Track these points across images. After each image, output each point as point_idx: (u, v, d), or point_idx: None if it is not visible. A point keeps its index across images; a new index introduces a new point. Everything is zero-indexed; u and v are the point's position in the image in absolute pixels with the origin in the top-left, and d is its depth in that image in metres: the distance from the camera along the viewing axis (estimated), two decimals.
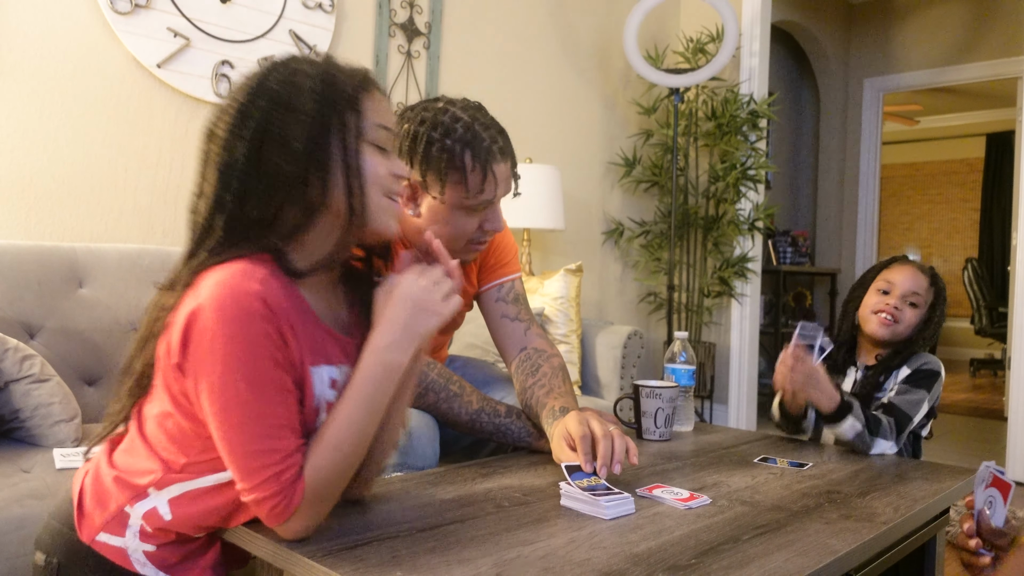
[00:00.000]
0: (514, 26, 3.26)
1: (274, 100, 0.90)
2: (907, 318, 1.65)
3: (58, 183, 2.08)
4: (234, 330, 0.83)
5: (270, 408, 0.85)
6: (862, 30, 5.52)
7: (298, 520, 0.88)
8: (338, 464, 0.89)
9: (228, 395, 0.83)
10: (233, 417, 0.84)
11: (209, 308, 0.83)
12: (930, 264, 1.77)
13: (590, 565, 0.85)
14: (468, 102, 1.35)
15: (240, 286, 0.84)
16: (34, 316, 1.79)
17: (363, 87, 0.95)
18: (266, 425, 0.85)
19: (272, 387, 0.86)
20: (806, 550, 0.92)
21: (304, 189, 0.90)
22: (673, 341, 1.69)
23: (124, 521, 0.92)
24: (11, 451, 1.54)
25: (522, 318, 1.54)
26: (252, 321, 0.83)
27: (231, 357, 0.83)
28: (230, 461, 0.86)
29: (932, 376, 1.60)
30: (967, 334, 7.93)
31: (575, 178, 3.57)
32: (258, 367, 0.84)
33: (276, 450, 0.85)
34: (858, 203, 5.49)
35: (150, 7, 2.19)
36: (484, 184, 1.30)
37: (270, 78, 0.91)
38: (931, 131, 8.54)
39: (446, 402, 1.37)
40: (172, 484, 0.92)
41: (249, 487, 0.85)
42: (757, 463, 1.37)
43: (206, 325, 0.83)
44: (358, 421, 0.89)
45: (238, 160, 0.89)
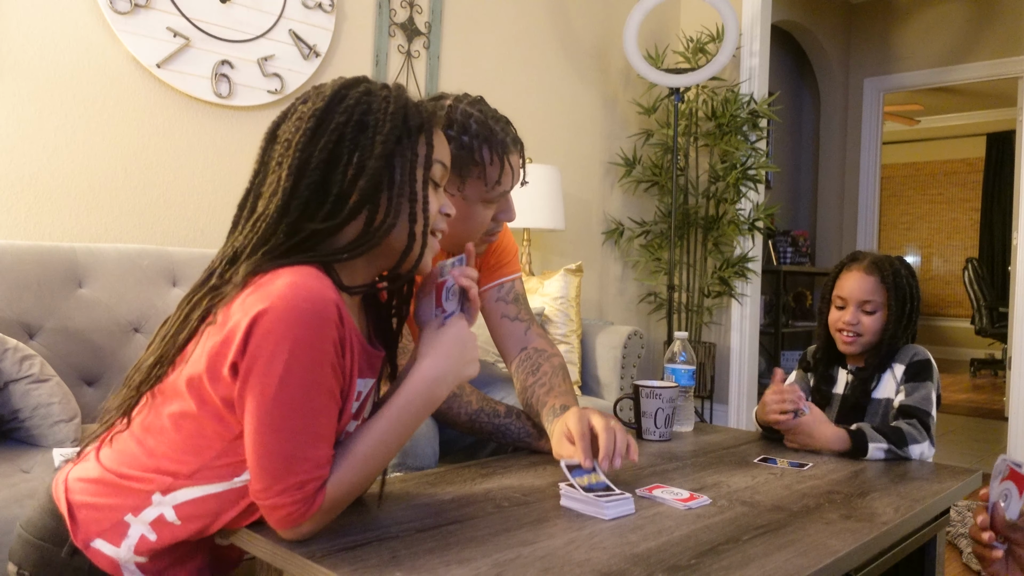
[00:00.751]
0: (514, 26, 3.26)
1: (351, 115, 0.91)
2: (867, 327, 1.61)
3: (58, 183, 2.08)
4: (304, 334, 0.82)
5: (317, 417, 0.85)
6: (862, 30, 5.52)
7: (306, 526, 0.88)
8: (361, 479, 0.91)
9: (281, 398, 0.82)
10: (278, 420, 0.83)
11: (282, 309, 0.82)
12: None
13: (590, 565, 0.85)
14: (471, 98, 1.37)
15: (317, 290, 0.83)
16: (34, 316, 1.79)
17: (431, 120, 0.97)
18: (309, 433, 0.85)
19: (325, 395, 0.86)
20: (806, 550, 0.92)
21: (374, 208, 0.91)
22: (673, 341, 1.69)
23: (123, 531, 0.90)
24: (11, 451, 1.54)
25: (522, 318, 1.54)
26: (325, 326, 0.83)
27: (295, 361, 0.82)
28: (258, 462, 0.84)
29: (928, 365, 1.58)
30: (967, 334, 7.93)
31: (575, 178, 3.57)
32: (317, 374, 0.84)
33: (309, 459, 0.85)
34: (858, 203, 5.50)
35: (150, 7, 2.19)
36: (502, 176, 1.33)
37: (348, 94, 0.93)
38: (931, 131, 8.54)
39: (445, 402, 1.37)
40: (180, 489, 0.90)
41: (269, 492, 0.84)
42: (757, 463, 1.37)
43: (275, 326, 0.82)
44: (390, 441, 0.92)
45: (311, 168, 0.89)
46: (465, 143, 1.30)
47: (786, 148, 5.63)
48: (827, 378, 1.70)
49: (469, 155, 1.30)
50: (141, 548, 0.90)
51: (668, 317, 3.51)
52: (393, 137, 0.91)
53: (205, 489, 0.90)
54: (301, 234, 0.90)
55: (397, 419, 0.92)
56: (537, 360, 1.44)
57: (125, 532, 0.90)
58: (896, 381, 1.61)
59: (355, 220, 0.91)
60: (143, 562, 0.91)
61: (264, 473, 0.84)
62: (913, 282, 1.64)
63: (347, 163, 0.90)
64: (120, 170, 2.19)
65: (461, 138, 1.30)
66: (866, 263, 1.65)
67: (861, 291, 1.62)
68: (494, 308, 1.55)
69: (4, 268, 1.76)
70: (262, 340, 0.82)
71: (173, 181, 2.30)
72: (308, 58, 2.54)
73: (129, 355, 1.92)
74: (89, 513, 0.90)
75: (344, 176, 0.90)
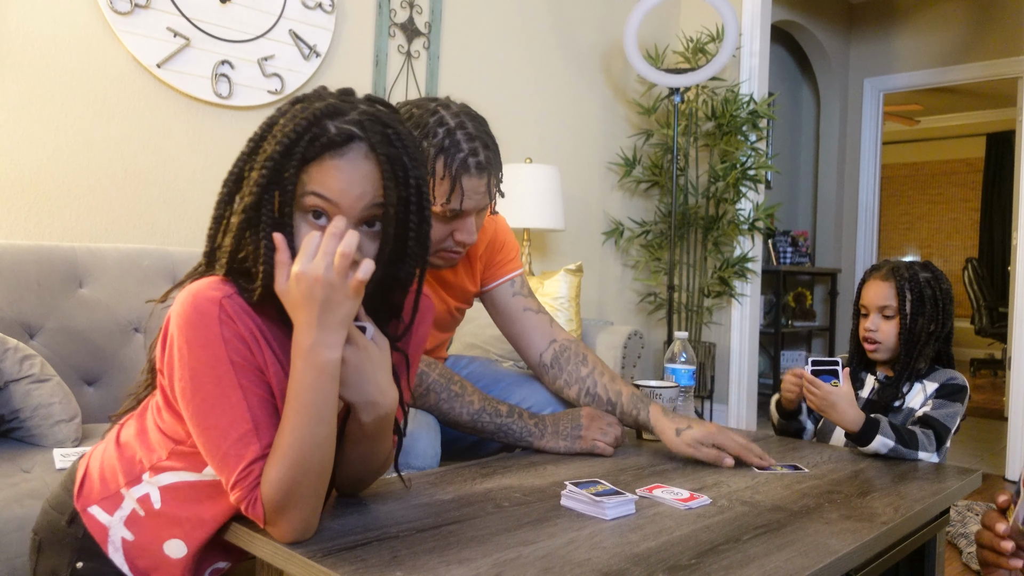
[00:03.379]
0: (514, 26, 3.26)
1: (263, 129, 0.90)
2: (887, 332, 1.64)
3: (58, 183, 2.08)
4: (191, 335, 0.86)
5: (233, 412, 0.86)
6: (862, 30, 5.52)
7: (281, 526, 0.87)
8: (293, 473, 0.84)
9: (195, 399, 0.87)
10: (202, 420, 0.87)
11: (174, 315, 0.87)
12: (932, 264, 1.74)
13: (590, 565, 0.85)
14: (465, 109, 1.32)
15: (202, 293, 0.87)
16: (34, 316, 1.79)
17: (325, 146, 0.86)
18: (231, 430, 0.86)
19: (234, 390, 0.86)
20: (806, 550, 0.92)
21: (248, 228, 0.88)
22: (673, 341, 1.69)
23: (118, 502, 0.95)
24: (11, 451, 1.54)
25: (543, 311, 1.56)
26: (209, 324, 0.85)
27: (194, 361, 0.86)
28: (208, 459, 0.88)
29: (962, 391, 1.60)
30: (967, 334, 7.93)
31: (575, 178, 3.57)
32: (219, 369, 0.86)
33: (241, 456, 0.86)
34: (858, 203, 5.49)
35: (150, 7, 2.19)
36: (451, 195, 1.27)
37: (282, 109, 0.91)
38: (931, 131, 8.54)
39: (447, 402, 1.37)
40: (164, 472, 0.95)
41: (228, 484, 0.87)
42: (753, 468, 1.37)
43: (172, 331, 0.87)
44: (303, 427, 0.84)
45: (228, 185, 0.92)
46: (423, 149, 1.27)
47: (786, 148, 5.63)
48: (856, 382, 1.72)
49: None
50: (131, 523, 0.95)
51: (668, 317, 3.51)
52: (270, 164, 0.85)
53: (181, 475, 0.94)
54: (212, 250, 0.93)
55: (299, 404, 0.84)
56: (580, 351, 1.51)
57: (119, 503, 0.95)
58: (925, 395, 1.62)
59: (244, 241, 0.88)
60: (130, 540, 0.95)
61: (216, 469, 0.88)
62: (937, 285, 1.64)
63: (243, 182, 0.89)
64: (120, 170, 2.19)
65: (421, 142, 1.27)
66: (884, 270, 1.68)
67: (878, 297, 1.65)
68: (513, 302, 1.55)
69: (4, 268, 1.76)
70: (169, 347, 0.88)
71: (173, 181, 2.30)
72: (308, 58, 2.54)
73: (129, 355, 1.92)
74: (94, 480, 0.97)
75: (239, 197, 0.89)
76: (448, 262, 1.43)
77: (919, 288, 1.62)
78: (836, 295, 5.39)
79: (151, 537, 0.95)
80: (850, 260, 5.50)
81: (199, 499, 0.94)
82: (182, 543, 0.95)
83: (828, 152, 5.58)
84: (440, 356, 1.70)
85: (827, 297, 5.51)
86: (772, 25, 4.95)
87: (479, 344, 2.51)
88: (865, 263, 5.46)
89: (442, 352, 1.71)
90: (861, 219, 5.49)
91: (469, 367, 1.70)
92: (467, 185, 1.28)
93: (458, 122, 1.28)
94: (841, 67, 5.51)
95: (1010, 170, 7.78)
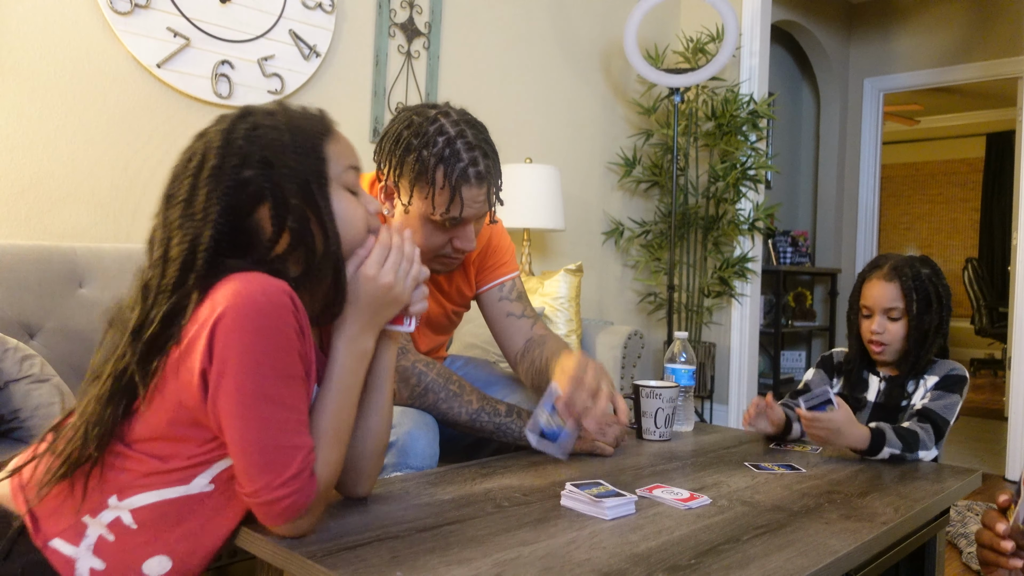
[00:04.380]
0: (514, 26, 3.26)
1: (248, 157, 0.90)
2: (894, 333, 1.61)
3: (58, 183, 2.08)
4: (263, 323, 0.83)
5: (296, 403, 0.86)
6: (862, 30, 5.52)
7: (308, 517, 0.89)
8: (340, 455, 0.92)
9: (259, 392, 0.83)
10: (261, 414, 0.83)
11: (239, 306, 0.83)
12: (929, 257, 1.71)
13: (590, 565, 0.85)
14: (465, 116, 1.32)
15: (268, 281, 0.85)
16: (34, 316, 1.79)
17: (324, 134, 0.96)
18: (292, 421, 0.86)
19: (298, 381, 0.87)
20: (806, 550, 0.92)
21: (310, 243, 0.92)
22: (673, 341, 1.69)
23: (82, 531, 0.88)
24: (11, 451, 1.54)
25: (528, 315, 1.56)
26: (281, 314, 0.84)
27: (262, 353, 0.83)
28: (249, 461, 0.84)
29: (962, 381, 1.58)
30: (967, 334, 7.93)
31: (575, 178, 3.57)
32: (286, 360, 0.85)
33: (300, 447, 0.86)
34: (858, 203, 5.49)
35: (150, 7, 2.19)
36: (450, 204, 1.28)
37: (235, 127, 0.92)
38: (931, 131, 8.54)
39: (446, 402, 1.37)
40: (138, 493, 0.89)
41: (270, 485, 0.84)
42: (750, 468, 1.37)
43: (236, 323, 0.82)
44: (344, 409, 0.93)
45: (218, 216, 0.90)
46: (422, 158, 1.27)
47: (786, 148, 5.63)
48: (860, 384, 1.69)
49: (423, 171, 1.27)
50: (101, 550, 0.88)
51: (668, 317, 3.51)
52: (301, 169, 0.91)
53: (163, 493, 0.89)
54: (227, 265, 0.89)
55: (342, 386, 0.93)
56: (544, 340, 1.51)
57: (83, 531, 0.88)
58: (925, 390, 1.60)
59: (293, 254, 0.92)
60: (100, 569, 0.88)
61: (258, 470, 0.84)
62: (938, 281, 1.62)
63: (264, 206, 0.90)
64: (120, 170, 2.19)
65: (421, 152, 1.26)
66: (886, 270, 1.63)
67: (883, 299, 1.61)
68: (498, 307, 1.56)
69: (4, 268, 1.76)
70: (227, 340, 0.82)
71: None
72: (308, 58, 2.54)
73: None
74: (50, 510, 0.89)
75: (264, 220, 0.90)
76: (446, 268, 1.43)
77: (923, 287, 1.60)
78: (836, 295, 5.39)
79: (127, 560, 0.89)
80: (850, 260, 5.50)
81: (185, 513, 0.90)
82: (166, 558, 0.91)
83: (828, 152, 5.58)
84: (438, 358, 1.70)
85: (827, 297, 5.51)
86: (772, 25, 4.95)
87: (479, 344, 2.52)
88: (865, 263, 5.46)
89: (441, 353, 1.72)
90: (861, 219, 5.49)
91: (465, 368, 1.71)
92: (467, 195, 1.28)
93: (458, 131, 1.28)
94: (841, 67, 5.51)
95: (1010, 170, 7.77)
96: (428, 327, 1.58)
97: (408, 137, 1.29)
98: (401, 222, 1.36)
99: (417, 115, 1.31)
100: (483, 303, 1.59)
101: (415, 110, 1.33)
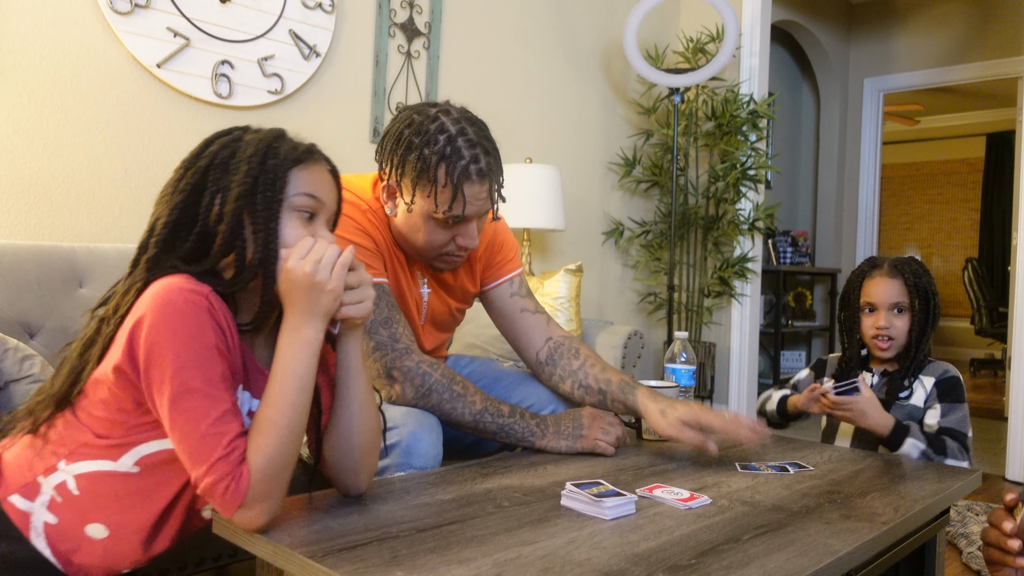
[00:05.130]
0: (514, 26, 3.26)
1: (213, 159, 1.01)
2: (899, 328, 1.68)
3: (58, 183, 2.08)
4: (181, 323, 0.90)
5: (217, 393, 0.91)
6: (862, 30, 5.52)
7: (252, 508, 0.90)
8: (278, 444, 0.92)
9: (180, 385, 0.89)
10: (185, 406, 0.89)
11: (157, 307, 0.90)
12: (927, 262, 1.77)
13: (590, 565, 0.85)
14: (466, 114, 1.33)
15: (184, 285, 0.92)
16: (34, 316, 1.79)
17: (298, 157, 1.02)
18: (215, 410, 0.90)
19: (218, 374, 0.91)
20: (806, 550, 0.92)
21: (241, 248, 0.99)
22: (673, 341, 1.69)
23: (36, 490, 0.98)
24: None
25: (540, 311, 1.57)
26: (197, 313, 0.91)
27: (181, 348, 0.89)
28: (183, 451, 0.90)
29: (960, 384, 1.65)
30: (967, 334, 7.93)
31: (575, 178, 3.57)
32: (205, 356, 0.90)
33: (223, 433, 0.90)
34: (858, 203, 5.49)
35: (150, 7, 2.19)
36: (453, 202, 1.29)
37: (215, 140, 1.03)
38: (931, 131, 8.54)
39: (449, 402, 1.37)
40: (80, 461, 0.97)
41: (201, 472, 0.89)
42: (740, 470, 1.37)
43: (154, 323, 0.90)
44: (288, 397, 0.94)
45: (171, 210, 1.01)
46: (424, 156, 1.27)
47: (786, 148, 5.63)
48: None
49: (425, 170, 1.28)
50: (53, 507, 0.98)
51: (668, 317, 3.51)
52: (250, 179, 0.98)
53: (98, 464, 0.98)
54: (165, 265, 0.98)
55: (285, 375, 0.94)
56: (572, 346, 1.51)
57: (38, 490, 0.98)
58: (925, 392, 1.66)
59: (226, 259, 0.99)
60: (52, 523, 0.97)
61: (191, 458, 0.90)
62: (930, 279, 1.70)
63: (208, 205, 0.99)
64: (120, 170, 2.19)
65: (422, 150, 1.27)
66: (887, 267, 1.70)
67: (890, 294, 1.67)
68: (511, 303, 1.57)
69: (4, 268, 1.76)
70: (147, 340, 0.90)
71: None
72: (308, 58, 2.54)
73: None
74: (11, 471, 1.00)
75: (206, 219, 0.99)
76: (450, 265, 1.43)
77: (922, 283, 1.67)
78: (836, 295, 5.39)
79: (73, 521, 0.98)
80: (850, 260, 5.50)
81: (117, 488, 0.98)
82: (103, 526, 0.99)
83: (828, 152, 5.58)
84: (440, 356, 1.70)
85: (827, 297, 5.51)
86: (772, 25, 4.95)
87: (479, 344, 2.52)
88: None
89: (442, 352, 1.72)
90: (861, 219, 5.49)
91: (469, 367, 1.71)
92: (469, 192, 1.29)
93: (459, 128, 1.29)
94: (841, 67, 5.51)
95: (1010, 170, 7.77)
96: (433, 325, 1.58)
97: (409, 136, 1.29)
98: (404, 220, 1.37)
99: (418, 114, 1.32)
100: (493, 300, 1.59)
101: (416, 109, 1.33)
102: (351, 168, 2.67)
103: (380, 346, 1.34)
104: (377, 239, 1.41)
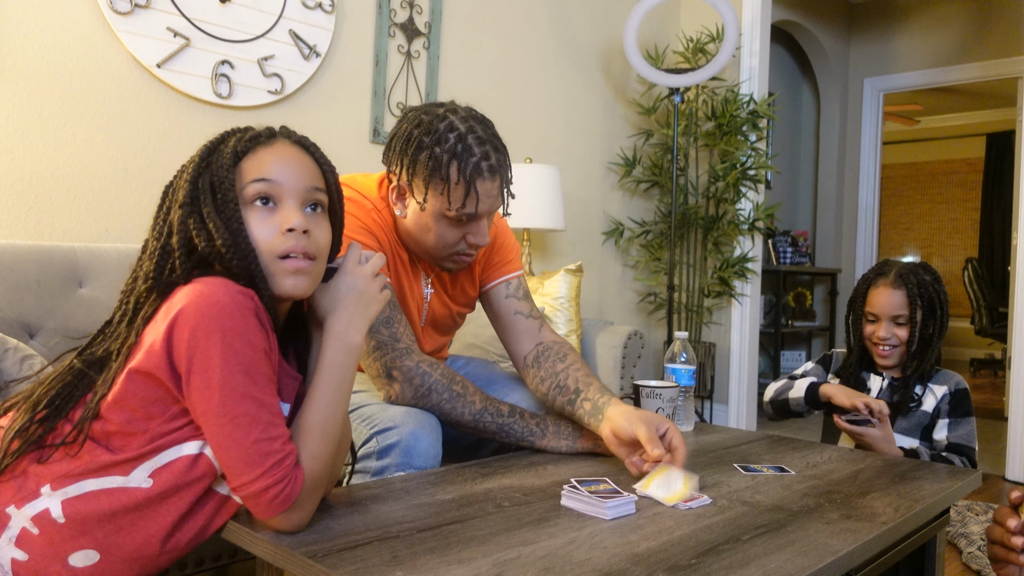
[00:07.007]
0: (514, 26, 3.26)
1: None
2: (901, 338, 1.69)
3: (58, 183, 2.08)
4: (228, 322, 0.86)
5: (267, 397, 0.88)
6: (862, 30, 5.52)
7: (299, 510, 0.90)
8: (329, 448, 0.93)
9: (228, 387, 0.85)
10: (234, 410, 0.85)
11: (199, 304, 0.86)
12: (928, 263, 1.79)
13: (590, 565, 0.85)
14: (472, 113, 1.34)
15: (227, 283, 0.89)
16: (34, 316, 1.79)
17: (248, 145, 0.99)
18: (265, 414, 0.88)
19: (266, 376, 0.89)
20: (806, 550, 0.92)
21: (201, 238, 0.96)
22: (673, 341, 1.69)
23: (4, 522, 0.87)
24: None
25: (535, 315, 1.57)
26: (245, 312, 0.87)
27: (228, 349, 0.85)
28: (229, 456, 0.86)
29: (968, 395, 1.68)
30: (967, 334, 7.93)
31: (575, 178, 3.57)
32: (253, 357, 0.87)
33: (276, 437, 0.88)
34: (858, 203, 5.49)
35: (150, 7, 2.19)
36: (466, 199, 1.30)
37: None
38: (931, 131, 8.54)
39: (449, 402, 1.37)
40: (76, 481, 0.88)
41: (252, 478, 0.86)
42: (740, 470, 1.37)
43: (198, 322, 0.85)
44: (334, 403, 0.95)
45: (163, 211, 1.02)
46: (435, 155, 1.28)
47: (786, 148, 5.63)
48: (858, 385, 1.76)
49: (437, 168, 1.29)
50: (23, 542, 0.87)
51: (668, 317, 3.51)
52: (195, 172, 0.98)
53: (100, 483, 0.89)
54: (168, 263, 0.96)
55: (332, 380, 0.95)
56: (561, 350, 1.50)
57: (6, 524, 0.87)
58: (935, 399, 1.68)
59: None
60: (21, 560, 0.87)
61: (239, 465, 0.86)
62: (939, 287, 1.70)
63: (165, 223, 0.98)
64: (120, 170, 2.19)
65: (433, 149, 1.28)
66: (892, 277, 1.70)
67: (891, 307, 1.68)
68: (505, 304, 1.56)
69: (4, 268, 1.76)
70: (189, 340, 0.85)
71: None
72: (308, 58, 2.54)
73: None
74: None
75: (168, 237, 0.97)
76: (460, 265, 1.44)
77: (927, 293, 1.67)
78: (836, 295, 5.39)
79: (50, 553, 0.88)
80: (850, 260, 5.50)
81: (115, 507, 0.89)
82: (93, 552, 0.89)
83: (828, 152, 5.58)
84: (442, 357, 1.70)
85: (827, 297, 5.51)
86: (772, 25, 4.95)
87: (479, 344, 2.52)
88: (865, 263, 5.46)
89: (443, 353, 1.72)
90: (861, 219, 5.49)
91: (466, 368, 1.71)
92: (481, 189, 1.30)
93: (468, 127, 1.30)
94: (841, 67, 5.51)
95: (1010, 170, 7.78)
96: (433, 328, 1.58)
97: (419, 136, 1.30)
98: (416, 220, 1.37)
99: (426, 114, 1.32)
100: (489, 300, 1.59)
101: (423, 110, 1.34)
102: (351, 168, 2.68)
103: (381, 345, 1.34)
104: (380, 238, 1.41)
